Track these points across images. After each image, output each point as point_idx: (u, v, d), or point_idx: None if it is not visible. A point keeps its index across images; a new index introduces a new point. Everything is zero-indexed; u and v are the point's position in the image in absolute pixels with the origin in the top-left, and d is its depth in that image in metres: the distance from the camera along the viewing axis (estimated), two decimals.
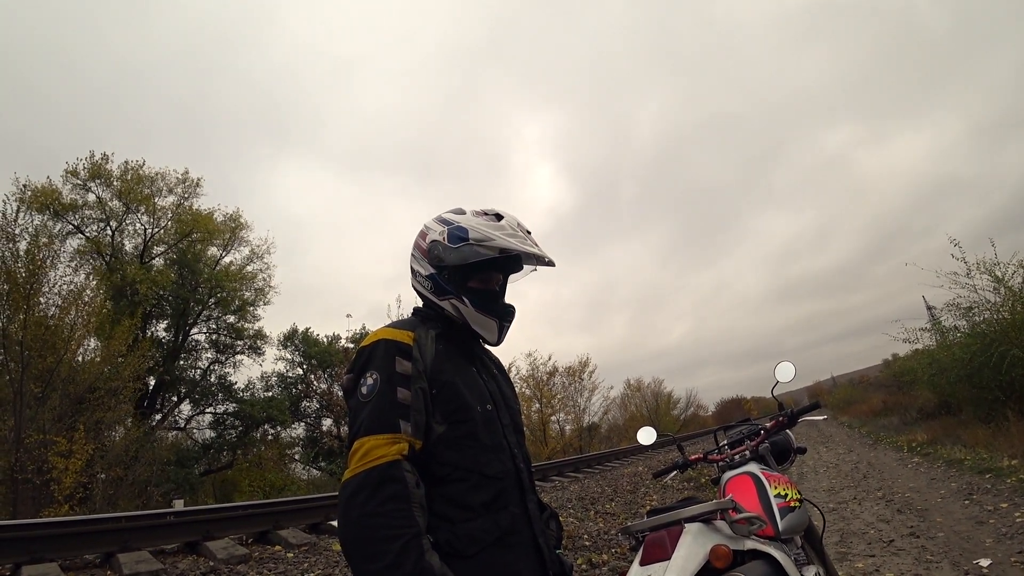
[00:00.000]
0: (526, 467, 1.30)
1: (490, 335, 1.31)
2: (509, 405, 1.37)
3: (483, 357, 1.42)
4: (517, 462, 1.27)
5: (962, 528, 4.61)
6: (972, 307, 11.14)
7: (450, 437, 1.16)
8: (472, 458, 1.17)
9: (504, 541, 1.15)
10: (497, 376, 1.42)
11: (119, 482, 11.91)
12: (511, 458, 1.26)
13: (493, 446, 1.22)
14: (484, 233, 1.25)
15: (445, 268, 1.30)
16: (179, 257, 18.93)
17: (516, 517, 1.20)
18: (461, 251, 1.25)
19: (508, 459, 1.25)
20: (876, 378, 38.75)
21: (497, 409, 1.30)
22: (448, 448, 1.16)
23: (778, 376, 2.48)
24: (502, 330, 1.33)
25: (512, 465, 1.25)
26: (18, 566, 4.28)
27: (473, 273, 1.31)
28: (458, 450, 1.16)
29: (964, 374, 11.20)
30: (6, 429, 10.30)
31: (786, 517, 1.86)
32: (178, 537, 5.36)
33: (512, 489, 1.23)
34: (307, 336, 22.86)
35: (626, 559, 4.52)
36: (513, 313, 1.36)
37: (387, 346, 1.18)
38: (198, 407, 19.97)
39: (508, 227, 1.28)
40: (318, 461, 20.88)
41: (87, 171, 17.52)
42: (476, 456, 1.17)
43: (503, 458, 1.23)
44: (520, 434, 1.37)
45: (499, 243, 1.24)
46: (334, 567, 4.62)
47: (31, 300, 11.00)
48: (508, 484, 1.22)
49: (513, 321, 1.37)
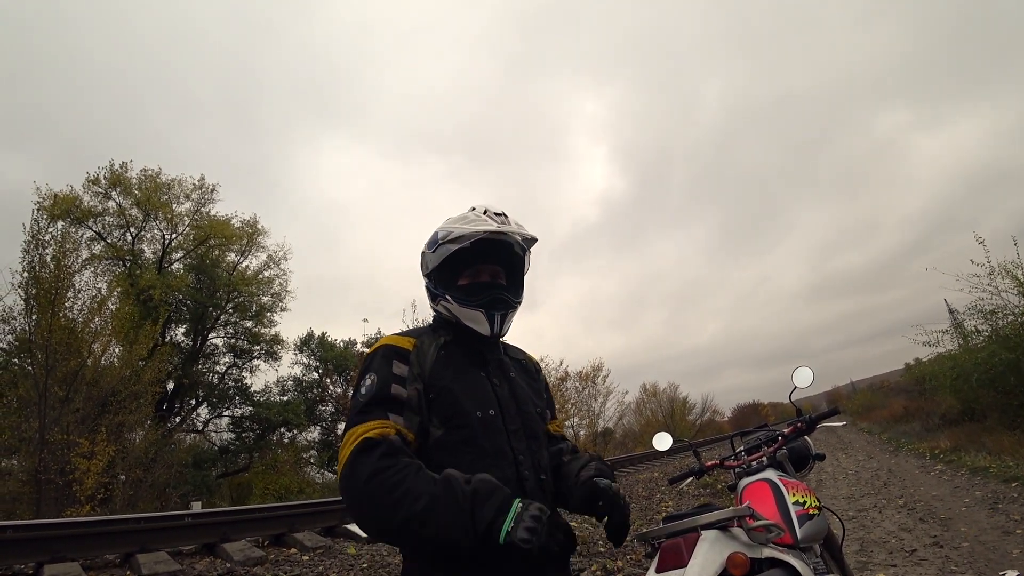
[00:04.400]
0: (533, 475, 1.25)
1: (481, 327, 1.29)
2: (522, 409, 1.32)
3: (502, 360, 1.38)
4: (521, 469, 1.22)
5: (988, 538, 4.49)
6: (995, 310, 10.90)
7: (446, 441, 1.17)
8: (467, 464, 1.13)
9: (497, 555, 1.06)
10: (514, 379, 1.37)
11: (139, 484, 12.10)
12: (514, 465, 1.22)
13: (493, 452, 1.19)
14: (448, 229, 1.28)
15: (432, 274, 1.35)
16: (197, 263, 19.25)
17: None
18: (437, 252, 1.30)
19: (510, 466, 1.21)
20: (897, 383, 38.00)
21: (502, 414, 1.26)
22: (444, 452, 1.15)
23: (796, 381, 2.44)
24: (493, 320, 1.29)
25: (514, 472, 1.21)
26: (40, 565, 4.36)
27: (460, 271, 1.31)
28: (453, 455, 1.15)
29: (988, 379, 10.95)
30: (31, 430, 10.54)
31: (805, 525, 1.83)
32: (196, 539, 5.42)
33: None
34: (323, 340, 23.08)
35: (641, 566, 4.48)
36: (504, 300, 1.32)
37: (386, 351, 1.22)
38: (215, 410, 20.26)
39: (472, 216, 1.29)
40: (333, 465, 21.01)
41: (107, 180, 17.94)
42: (472, 462, 1.15)
43: (503, 465, 1.19)
44: (534, 440, 1.31)
45: (458, 233, 1.25)
46: (349, 570, 4.64)
47: (56, 304, 11.26)
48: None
49: (511, 310, 1.34)
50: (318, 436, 22.40)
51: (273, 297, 20.84)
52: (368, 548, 5.48)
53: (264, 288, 20.53)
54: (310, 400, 22.22)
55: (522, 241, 1.33)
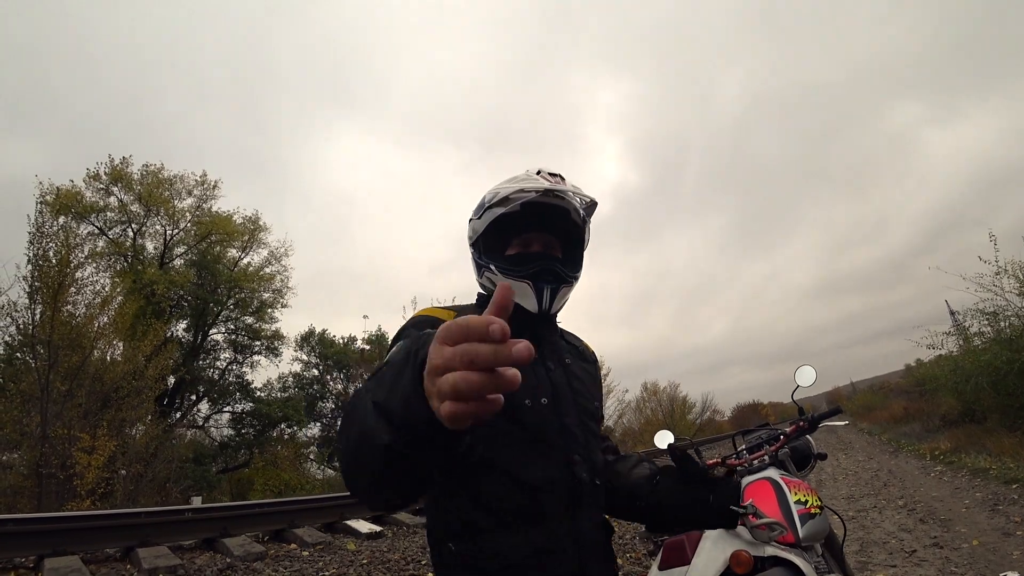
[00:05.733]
0: (589, 477, 1.07)
1: (527, 302, 1.11)
2: (579, 401, 1.14)
3: (556, 343, 1.20)
4: (577, 470, 1.05)
5: (988, 539, 4.49)
6: (997, 311, 10.89)
7: (487, 432, 0.98)
8: (511, 460, 0.99)
9: (535, 563, 0.96)
10: (571, 366, 1.19)
11: (139, 478, 12.12)
12: (567, 464, 1.05)
13: (543, 448, 1.03)
14: (496, 190, 1.13)
15: (477, 242, 1.19)
16: (199, 259, 19.27)
17: (558, 537, 1.00)
18: (483, 218, 1.14)
19: (559, 465, 1.04)
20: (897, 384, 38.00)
21: (556, 403, 1.08)
22: (483, 445, 0.98)
23: (799, 380, 2.44)
24: (541, 294, 1.11)
25: (568, 473, 1.04)
26: (41, 558, 4.37)
27: (509, 240, 1.16)
28: (494, 448, 0.99)
29: (989, 381, 10.94)
30: (33, 425, 10.56)
31: (807, 524, 1.83)
32: (196, 533, 5.44)
33: (559, 501, 1.02)
34: (323, 337, 23.10)
35: (643, 564, 4.48)
36: (556, 273, 1.13)
37: (420, 321, 1.03)
38: (216, 406, 20.30)
39: (524, 175, 1.13)
40: (333, 461, 21.06)
41: (108, 175, 17.96)
42: (517, 459, 1.00)
43: (554, 463, 1.03)
44: (592, 436, 1.14)
45: (505, 193, 1.10)
46: (349, 566, 4.65)
47: (59, 299, 11.28)
48: (555, 495, 1.02)
49: (564, 285, 1.15)
50: (318, 432, 22.43)
51: (274, 293, 20.89)
52: (368, 544, 5.49)
53: (265, 284, 20.56)
54: (310, 396, 22.25)
55: (580, 207, 1.16)
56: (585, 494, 1.06)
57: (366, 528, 6.05)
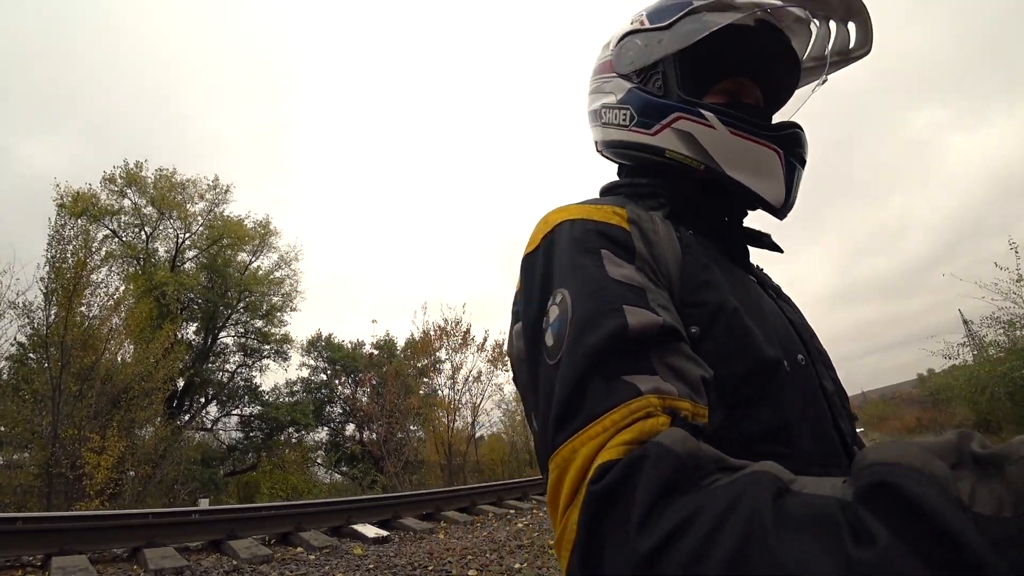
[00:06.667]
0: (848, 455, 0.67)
1: (770, 185, 0.68)
2: (822, 352, 0.75)
3: (754, 267, 0.81)
4: (849, 446, 0.67)
5: None
6: (1014, 320, 10.72)
7: (735, 416, 0.59)
8: (774, 460, 0.52)
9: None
10: (792, 303, 0.80)
11: (148, 479, 12.19)
12: (837, 442, 0.65)
13: (816, 435, 0.63)
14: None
15: (656, 68, 0.73)
16: (209, 262, 19.46)
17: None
18: (682, 26, 0.69)
19: (838, 455, 0.64)
20: (910, 394, 37.49)
21: (813, 362, 0.69)
22: (729, 444, 0.53)
23: None
24: (792, 175, 0.70)
25: (841, 450, 0.65)
26: (49, 557, 4.39)
27: (705, 83, 0.74)
28: (749, 446, 0.57)
29: (1005, 391, 10.77)
30: (44, 425, 10.67)
31: None
32: (203, 535, 5.44)
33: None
34: (331, 342, 23.17)
35: None
36: (803, 143, 0.72)
37: (582, 232, 0.60)
38: (224, 409, 20.40)
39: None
40: (340, 465, 21.07)
41: (123, 178, 18.24)
42: (784, 457, 0.53)
43: (830, 452, 0.64)
44: (847, 402, 0.73)
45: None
46: (355, 570, 4.62)
47: (74, 300, 11.43)
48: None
49: (805, 166, 0.73)
50: (326, 437, 22.47)
51: (283, 297, 21.03)
52: (375, 549, 5.46)
53: (275, 288, 20.71)
54: (318, 401, 22.30)
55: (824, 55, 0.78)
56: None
57: (373, 533, 6.03)
